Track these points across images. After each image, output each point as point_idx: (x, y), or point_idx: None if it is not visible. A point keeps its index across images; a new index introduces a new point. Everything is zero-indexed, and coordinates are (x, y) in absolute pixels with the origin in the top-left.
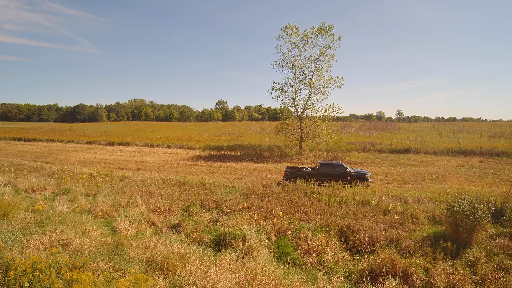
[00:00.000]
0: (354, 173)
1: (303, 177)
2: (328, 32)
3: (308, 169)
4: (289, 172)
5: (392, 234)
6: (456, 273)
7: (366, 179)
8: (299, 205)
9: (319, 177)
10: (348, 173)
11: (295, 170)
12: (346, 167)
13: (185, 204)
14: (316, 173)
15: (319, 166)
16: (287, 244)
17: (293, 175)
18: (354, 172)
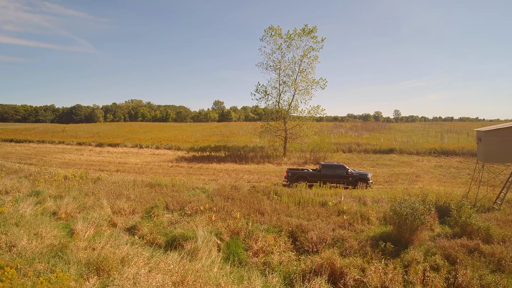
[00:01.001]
0: (355, 174)
1: (304, 178)
2: (312, 33)
3: (309, 170)
4: (290, 174)
5: (339, 234)
6: (388, 273)
7: (367, 180)
8: (258, 206)
9: (320, 179)
10: (350, 174)
11: (297, 171)
12: (347, 168)
13: (149, 206)
14: (317, 175)
15: (320, 168)
16: (238, 245)
17: (294, 176)
18: (356, 173)
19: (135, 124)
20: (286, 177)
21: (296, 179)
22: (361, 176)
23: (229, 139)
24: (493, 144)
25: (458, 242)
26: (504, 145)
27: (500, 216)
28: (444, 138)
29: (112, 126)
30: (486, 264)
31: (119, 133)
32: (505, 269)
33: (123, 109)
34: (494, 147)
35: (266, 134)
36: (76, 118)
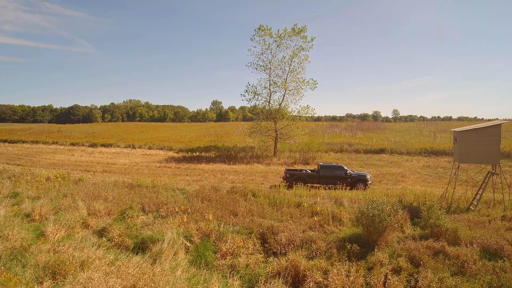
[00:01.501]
0: (354, 175)
1: (303, 179)
2: (301, 33)
3: (308, 171)
4: (288, 175)
5: (308, 236)
6: (350, 276)
7: (366, 181)
8: (233, 208)
9: (319, 179)
10: (348, 175)
11: (295, 172)
12: (346, 169)
13: (125, 208)
14: (316, 175)
15: (319, 168)
16: (207, 247)
17: (292, 177)
18: (354, 174)
19: (131, 124)
20: (284, 178)
21: (294, 180)
22: (360, 177)
23: (222, 139)
24: (468, 145)
25: (424, 244)
26: (478, 146)
27: (473, 217)
28: (436, 138)
29: (108, 126)
30: (449, 267)
31: (114, 133)
32: (466, 272)
33: (121, 109)
34: (469, 147)
35: (256, 134)
36: (74, 118)
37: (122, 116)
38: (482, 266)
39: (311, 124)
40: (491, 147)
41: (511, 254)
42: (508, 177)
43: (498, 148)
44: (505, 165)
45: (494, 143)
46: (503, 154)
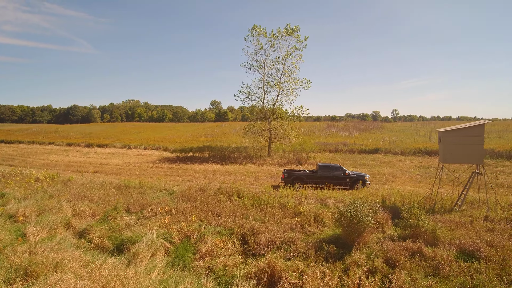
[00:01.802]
0: (353, 175)
1: (301, 179)
2: (294, 33)
3: (306, 171)
4: (287, 175)
5: (288, 237)
6: (325, 277)
7: (365, 181)
8: (216, 209)
9: (318, 180)
10: (347, 175)
11: (294, 172)
12: (345, 170)
13: (109, 208)
14: (315, 176)
15: (318, 169)
16: (187, 249)
17: (291, 178)
18: (353, 174)
19: (129, 125)
20: (283, 178)
21: (293, 180)
22: (358, 177)
23: (218, 140)
24: (451, 145)
25: (401, 245)
26: (461, 146)
27: (455, 218)
28: (431, 138)
29: (105, 126)
30: (424, 268)
31: (112, 133)
32: (441, 273)
33: (120, 110)
34: (452, 147)
35: (250, 134)
36: (73, 119)
37: (121, 116)
38: (457, 267)
39: (309, 124)
40: (475, 147)
41: (487, 255)
42: (499, 177)
43: (482, 148)
44: (497, 165)
45: (478, 143)
46: (496, 154)
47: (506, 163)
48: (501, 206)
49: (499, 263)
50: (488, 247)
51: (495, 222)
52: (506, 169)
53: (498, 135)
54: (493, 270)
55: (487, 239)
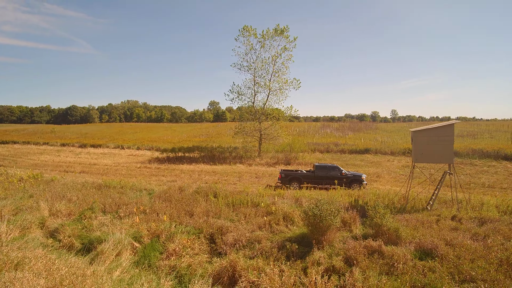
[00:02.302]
0: (349, 175)
1: (298, 180)
2: (284, 33)
3: (303, 171)
4: (284, 175)
5: (255, 236)
6: (283, 275)
7: (361, 181)
8: (190, 208)
9: (314, 180)
10: (344, 175)
11: (290, 173)
12: (341, 169)
13: (85, 208)
14: (311, 176)
15: (314, 169)
16: (155, 248)
17: (287, 178)
18: (350, 174)
19: (126, 125)
20: (280, 178)
21: (289, 180)
22: (355, 177)
23: (212, 140)
24: (423, 145)
25: (362, 244)
26: (432, 146)
27: (423, 217)
28: None
29: (102, 127)
30: (381, 266)
31: (107, 134)
32: (395, 271)
33: (119, 110)
34: (424, 147)
35: (240, 135)
36: (71, 119)
37: (120, 116)
38: (412, 266)
39: (304, 124)
40: (445, 147)
41: (444, 254)
42: (483, 177)
43: (451, 147)
44: (484, 165)
45: (448, 143)
46: (484, 154)
47: (493, 163)
48: (472, 206)
49: (454, 262)
50: (446, 246)
51: (462, 221)
52: (492, 169)
53: (491, 135)
54: (447, 268)
55: (448, 238)
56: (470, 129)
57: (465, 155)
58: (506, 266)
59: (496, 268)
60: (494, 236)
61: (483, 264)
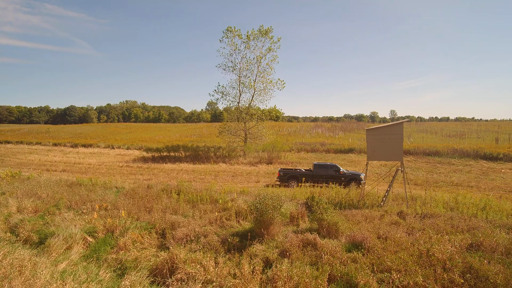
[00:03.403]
0: (348, 174)
1: (296, 178)
2: (268, 34)
3: (302, 170)
4: (282, 173)
5: (204, 230)
6: (217, 267)
7: (360, 180)
8: (150, 205)
9: (313, 178)
10: (342, 174)
11: (289, 171)
12: (339, 168)
13: (51, 205)
14: (309, 174)
15: (313, 168)
16: (107, 242)
17: (286, 176)
18: (348, 173)
19: (121, 125)
20: (278, 176)
21: (288, 179)
22: (353, 176)
23: (203, 140)
24: (374, 143)
25: (299, 237)
26: (382, 144)
27: (371, 212)
28: (410, 138)
29: (98, 127)
30: (311, 257)
31: (102, 134)
32: (321, 261)
33: (117, 110)
34: (375, 145)
35: (225, 134)
36: (70, 119)
37: (118, 117)
38: (338, 257)
39: (297, 124)
40: (395, 145)
41: (371, 246)
42: (454, 176)
43: (401, 146)
44: (461, 164)
45: (397, 141)
46: (464, 153)
47: (471, 162)
48: (424, 202)
49: (378, 254)
50: (378, 239)
51: (405, 217)
52: (467, 168)
53: (478, 136)
54: (369, 260)
55: (381, 232)
56: (461, 129)
57: (445, 154)
58: (425, 257)
59: (415, 259)
60: (427, 230)
61: (404, 256)
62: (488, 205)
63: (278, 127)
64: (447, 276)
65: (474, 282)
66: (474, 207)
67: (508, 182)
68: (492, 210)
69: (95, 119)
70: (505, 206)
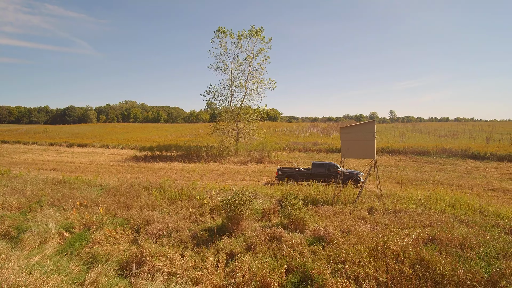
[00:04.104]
0: (346, 173)
1: (294, 177)
2: (260, 34)
3: (301, 169)
4: (281, 172)
5: (177, 226)
6: (183, 260)
7: (358, 179)
8: (129, 202)
9: (311, 177)
10: (340, 173)
11: (287, 170)
12: (337, 167)
13: (34, 202)
14: (308, 173)
15: (311, 167)
16: (82, 237)
17: (285, 175)
18: (347, 172)
19: (119, 125)
20: (277, 175)
21: (286, 177)
22: (351, 175)
23: (198, 139)
24: (347, 141)
25: (267, 231)
26: (355, 142)
27: (342, 208)
28: (402, 138)
29: (95, 127)
30: (273, 250)
31: (98, 133)
32: (282, 253)
33: (116, 110)
34: (349, 143)
35: (217, 134)
36: (69, 119)
37: (117, 117)
38: (300, 250)
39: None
40: (367, 142)
41: (332, 239)
42: (438, 174)
43: (373, 144)
44: (448, 163)
45: (369, 139)
46: (452, 153)
47: (458, 161)
48: (398, 198)
49: (337, 247)
50: (341, 233)
51: (374, 212)
52: (453, 167)
53: (471, 136)
54: (328, 252)
55: (345, 226)
56: (455, 129)
57: (434, 154)
58: (381, 250)
59: (371, 252)
60: (390, 225)
61: (361, 248)
62: (458, 201)
63: (275, 127)
64: (398, 267)
65: (422, 273)
66: (444, 203)
67: (490, 181)
68: (461, 207)
69: (94, 119)
70: (473, 203)
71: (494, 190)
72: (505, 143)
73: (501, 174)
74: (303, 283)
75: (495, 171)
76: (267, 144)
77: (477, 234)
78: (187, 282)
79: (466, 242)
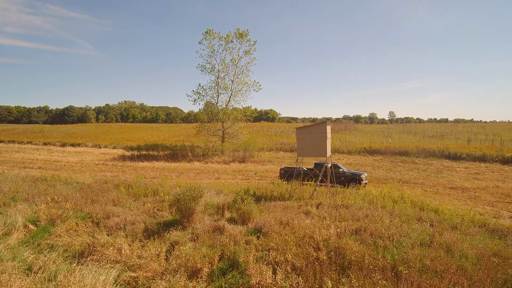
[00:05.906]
0: (348, 173)
1: (296, 176)
2: (245, 37)
3: (304, 169)
4: (283, 172)
5: (134, 219)
6: (129, 249)
7: (361, 180)
8: (96, 198)
9: (313, 177)
10: (342, 173)
11: (289, 169)
12: (340, 168)
13: (8, 198)
14: (309, 173)
15: (314, 167)
16: (46, 230)
17: (287, 174)
18: (349, 173)
19: (115, 125)
20: (280, 175)
21: (288, 177)
22: (353, 175)
23: (189, 139)
24: (302, 141)
25: (212, 224)
26: (309, 142)
27: (292, 203)
28: (389, 138)
29: (91, 127)
30: (214, 240)
31: (94, 133)
32: (219, 243)
33: (115, 110)
34: (304, 143)
35: (202, 134)
36: (68, 119)
37: (116, 117)
38: (237, 240)
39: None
40: (319, 143)
41: (267, 231)
42: (407, 174)
43: (325, 143)
44: (423, 163)
45: (322, 139)
46: (431, 153)
47: (434, 161)
48: (347, 195)
49: (270, 237)
50: (280, 225)
51: (320, 207)
52: (426, 166)
53: (457, 137)
54: (261, 241)
55: (285, 219)
56: (445, 130)
57: (413, 154)
58: (307, 239)
59: (297, 241)
60: (327, 218)
61: (289, 238)
62: (402, 198)
63: (268, 127)
64: (316, 254)
65: (335, 259)
66: (390, 200)
67: (453, 180)
68: (404, 202)
69: (93, 119)
70: (416, 199)
71: (454, 188)
72: (484, 144)
73: (469, 174)
74: (229, 269)
75: (464, 171)
76: (250, 144)
77: (398, 225)
78: (130, 268)
79: (388, 233)
